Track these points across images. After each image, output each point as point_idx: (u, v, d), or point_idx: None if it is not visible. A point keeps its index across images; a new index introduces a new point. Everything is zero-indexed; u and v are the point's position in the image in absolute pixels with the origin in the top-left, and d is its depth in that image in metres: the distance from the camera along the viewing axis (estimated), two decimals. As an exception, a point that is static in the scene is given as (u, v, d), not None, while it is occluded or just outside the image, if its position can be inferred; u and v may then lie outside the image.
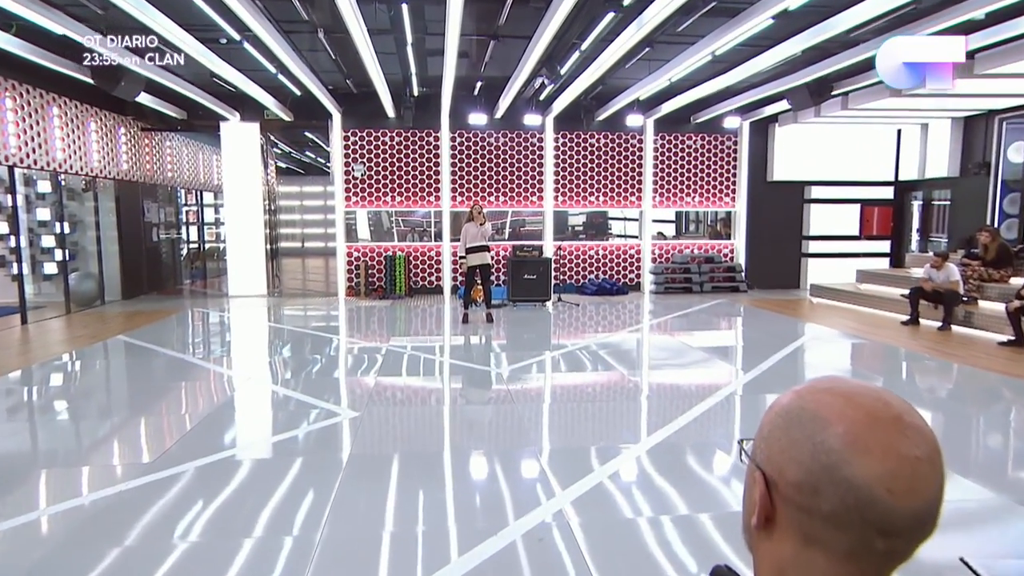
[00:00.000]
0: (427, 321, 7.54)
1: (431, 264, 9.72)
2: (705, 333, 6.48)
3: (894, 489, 0.47)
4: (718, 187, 10.02)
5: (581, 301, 8.76)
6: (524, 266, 8.39)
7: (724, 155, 9.90)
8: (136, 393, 4.14)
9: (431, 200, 9.62)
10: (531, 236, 9.89)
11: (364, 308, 8.38)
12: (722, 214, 10.25)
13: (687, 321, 7.27)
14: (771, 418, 0.53)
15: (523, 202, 9.87)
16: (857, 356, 5.15)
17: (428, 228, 9.65)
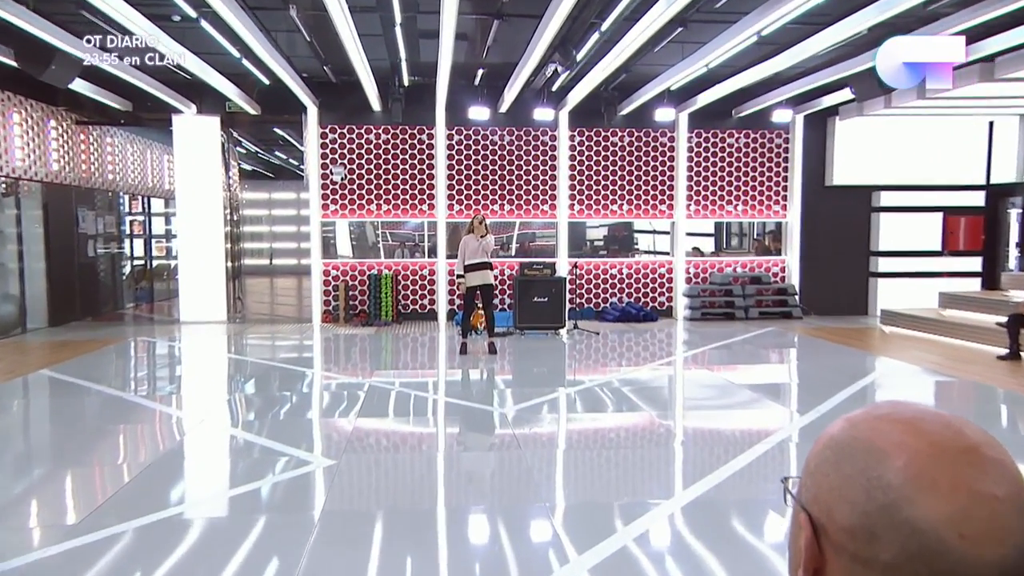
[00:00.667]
0: (418, 352, 7.58)
1: (423, 285, 9.85)
2: (751, 367, 6.46)
3: (968, 533, 0.44)
4: (766, 193, 10.05)
5: (601, 329, 8.82)
6: (533, 287, 8.49)
7: (773, 155, 9.91)
8: (61, 439, 3.99)
9: (424, 210, 9.72)
10: (542, 252, 10.03)
11: (344, 336, 8.45)
12: (771, 226, 10.27)
13: (729, 353, 7.25)
14: (819, 451, 0.53)
15: (533, 212, 9.95)
16: (943, 397, 5.08)
17: (420, 243, 9.82)
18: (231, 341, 8.10)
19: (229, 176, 9.51)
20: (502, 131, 9.85)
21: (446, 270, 9.75)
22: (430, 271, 9.87)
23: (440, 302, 9.82)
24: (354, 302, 9.70)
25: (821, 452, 0.53)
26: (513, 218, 9.99)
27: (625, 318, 9.61)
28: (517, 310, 8.46)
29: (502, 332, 8.35)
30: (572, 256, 9.78)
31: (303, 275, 10.16)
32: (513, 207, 9.96)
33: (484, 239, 6.75)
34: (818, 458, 0.53)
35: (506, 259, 9.98)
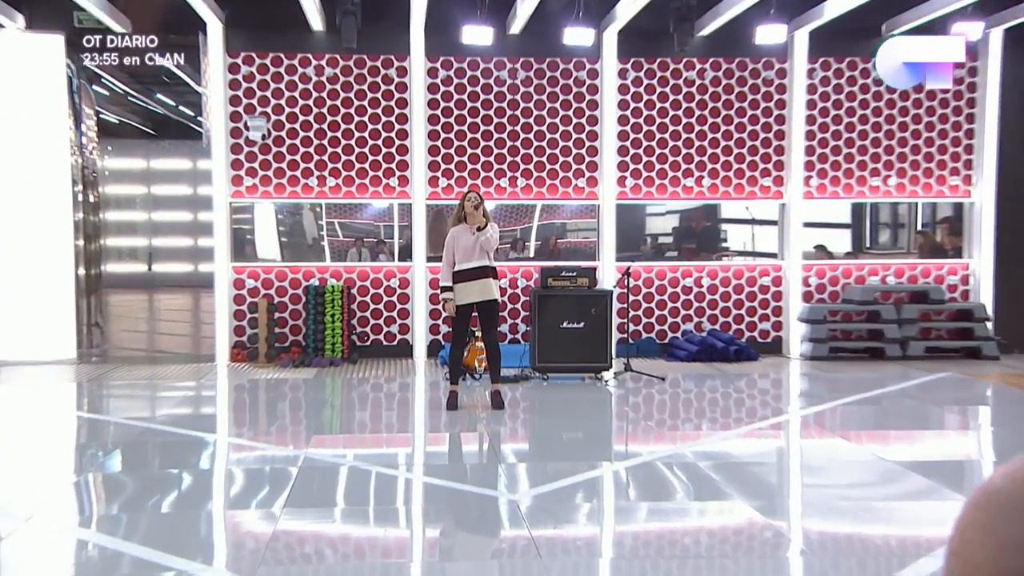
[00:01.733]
0: (383, 407, 7.78)
1: (391, 303, 10.11)
2: (916, 437, 6.47)
3: None
4: (936, 158, 9.99)
5: (669, 372, 9.00)
6: (563, 307, 8.66)
7: (946, 96, 9.72)
8: None
9: (392, 186, 10.00)
10: (576, 253, 10.38)
11: (266, 383, 8.64)
12: (945, 210, 10.27)
13: (878, 413, 7.33)
14: (971, 512, 0.60)
15: (562, 190, 10.22)
16: None
17: (386, 238, 10.20)
18: (83, 392, 8.17)
19: (81, 131, 9.46)
20: (513, 64, 9.96)
21: (426, 279, 9.97)
22: (401, 281, 10.07)
23: (417, 329, 10.04)
24: (282, 329, 9.89)
25: (973, 514, 0.59)
26: (531, 199, 10.18)
27: (706, 355, 9.77)
28: (537, 341, 8.58)
29: (513, 376, 8.50)
30: (623, 259, 9.96)
31: (201, 288, 10.19)
32: (531, 183, 10.11)
33: (483, 231, 6.89)
34: (970, 521, 0.59)
35: (520, 263, 10.14)
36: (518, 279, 10.10)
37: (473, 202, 6.88)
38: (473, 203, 6.87)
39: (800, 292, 10.21)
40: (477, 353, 8.34)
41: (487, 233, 6.86)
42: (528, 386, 8.30)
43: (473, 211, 6.85)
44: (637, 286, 10.07)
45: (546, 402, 7.80)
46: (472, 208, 6.86)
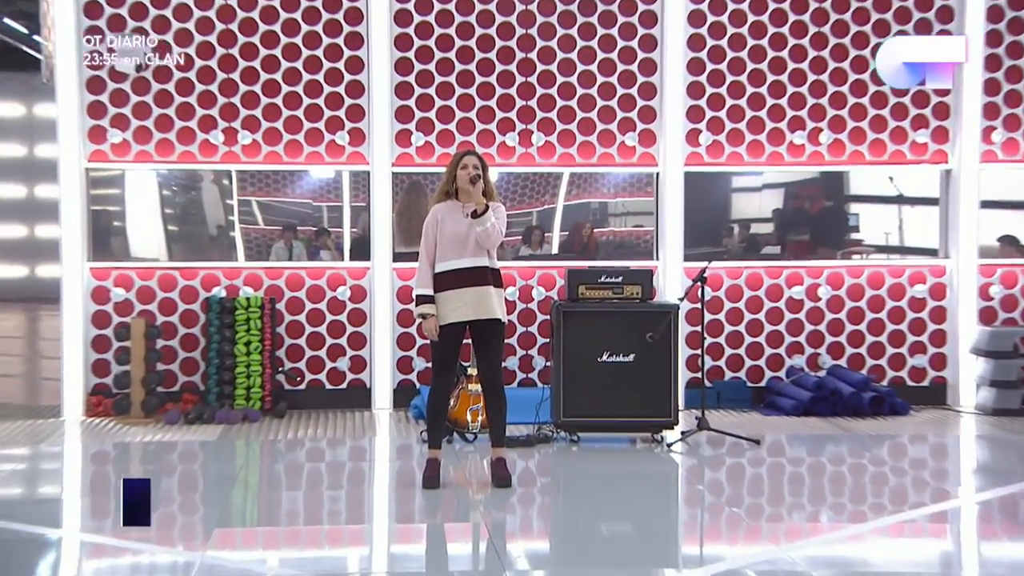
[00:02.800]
0: (324, 484, 7.85)
1: (337, 323, 10.29)
2: None
3: None
4: None
5: (767, 432, 9.17)
6: (601, 330, 8.80)
7: None
8: None
9: (339, 145, 10.21)
10: (622, 249, 10.66)
11: (141, 450, 8.75)
12: None
13: None
14: None
15: (599, 150, 10.41)
16: None
17: (331, 226, 10.43)
18: None
19: None
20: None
21: (392, 288, 10.22)
22: (354, 292, 10.26)
23: (378, 365, 10.23)
24: (168, 366, 10.06)
25: None
26: (552, 165, 10.40)
27: (826, 406, 9.89)
28: (562, 383, 8.73)
29: (525, 436, 8.66)
30: (696, 257, 10.18)
31: (41, 304, 10.26)
32: (553, 140, 10.31)
33: (482, 217, 7.05)
34: None
35: (536, 264, 10.34)
36: (533, 288, 10.20)
37: (469, 170, 7.03)
38: (469, 172, 7.02)
39: (976, 309, 10.27)
40: (471, 401, 8.47)
41: (488, 220, 7.00)
42: (549, 452, 8.39)
43: (468, 184, 7.00)
44: (718, 299, 10.11)
45: (576, 477, 7.85)
46: (467, 179, 7.01)
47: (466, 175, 6.95)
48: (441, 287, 7.06)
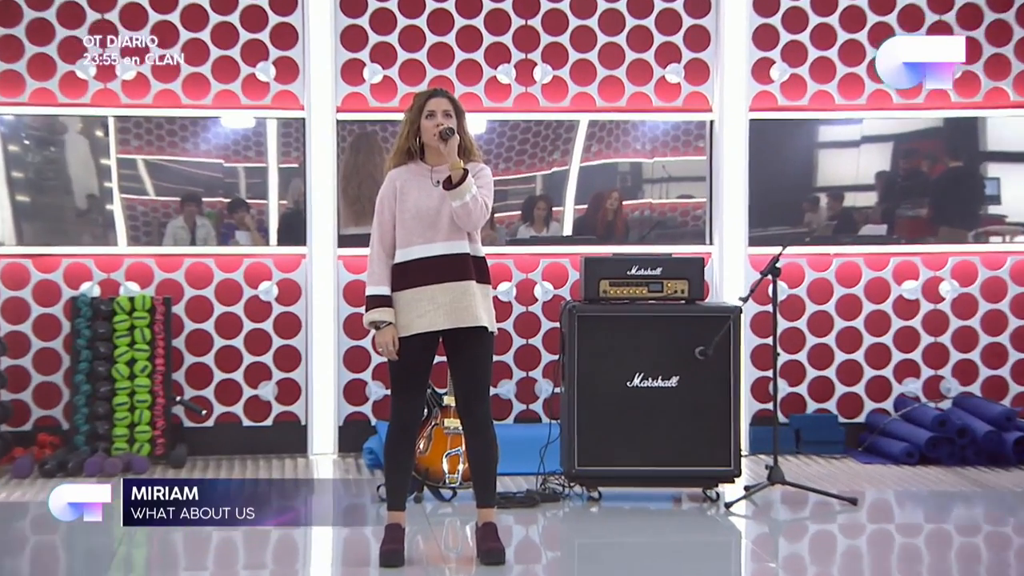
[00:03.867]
0: (239, 562, 7.76)
1: (260, 334, 10.32)
2: None
3: None
4: None
5: (865, 487, 9.05)
6: (631, 342, 8.75)
7: None
8: None
9: (260, 79, 10.19)
10: (663, 231, 10.76)
11: None
12: None
13: None
14: None
15: (630, 89, 10.44)
16: None
17: (250, 197, 10.52)
18: None
19: None
20: None
21: (337, 286, 10.28)
22: (284, 290, 10.27)
23: (317, 394, 10.21)
24: (17, 394, 9.84)
25: None
26: (563, 110, 10.45)
27: (952, 452, 9.72)
28: (575, 418, 8.60)
29: (524, 493, 8.64)
30: (766, 240, 10.31)
31: None
32: (563, 74, 10.30)
33: (460, 186, 6.81)
34: None
35: (539, 250, 10.46)
36: (536, 284, 10.32)
37: (439, 119, 6.79)
38: (439, 122, 6.77)
39: None
40: (447, 444, 8.36)
41: (469, 190, 6.77)
42: (558, 515, 8.35)
43: (438, 141, 6.73)
44: (797, 299, 10.26)
45: (597, 550, 7.70)
46: (436, 131, 6.74)
47: (434, 127, 6.75)
48: (403, 284, 6.88)
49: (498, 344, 8.77)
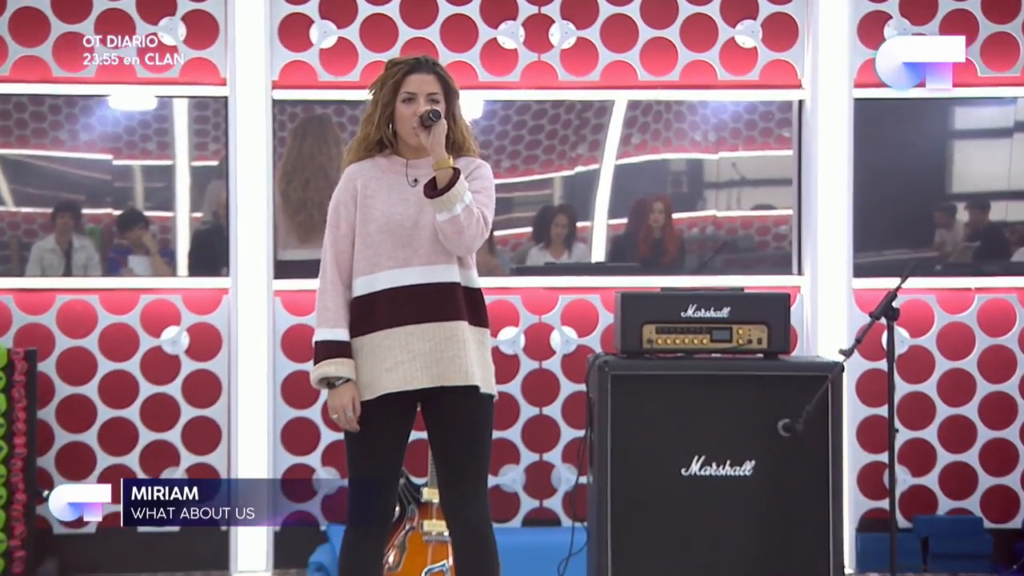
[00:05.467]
0: None
1: (164, 400, 10.45)
2: None
3: None
4: None
5: None
6: (687, 413, 8.61)
7: None
8: None
9: (161, 49, 10.26)
10: (732, 256, 10.99)
11: None
12: None
13: None
14: None
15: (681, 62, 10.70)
16: None
17: (149, 208, 10.67)
18: None
19: None
20: None
21: (272, 328, 10.40)
22: (196, 336, 10.41)
23: (243, 485, 9.67)
24: None
25: None
26: (590, 87, 10.58)
27: None
28: (609, 521, 8.40)
29: None
30: (878, 269, 10.48)
31: None
32: (595, 42, 10.47)
33: (445, 188, 6.61)
34: None
35: (557, 281, 10.55)
36: (554, 329, 10.35)
37: (420, 103, 6.58)
38: (420, 105, 6.57)
39: None
40: (428, 556, 8.41)
41: (460, 196, 6.50)
42: None
43: (419, 127, 6.47)
44: (923, 353, 10.25)
45: None
46: (417, 117, 6.50)
47: (412, 113, 6.49)
48: (366, 325, 6.63)
49: (500, 414, 8.53)
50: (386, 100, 6.67)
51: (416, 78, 6.63)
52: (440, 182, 6.39)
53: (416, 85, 6.63)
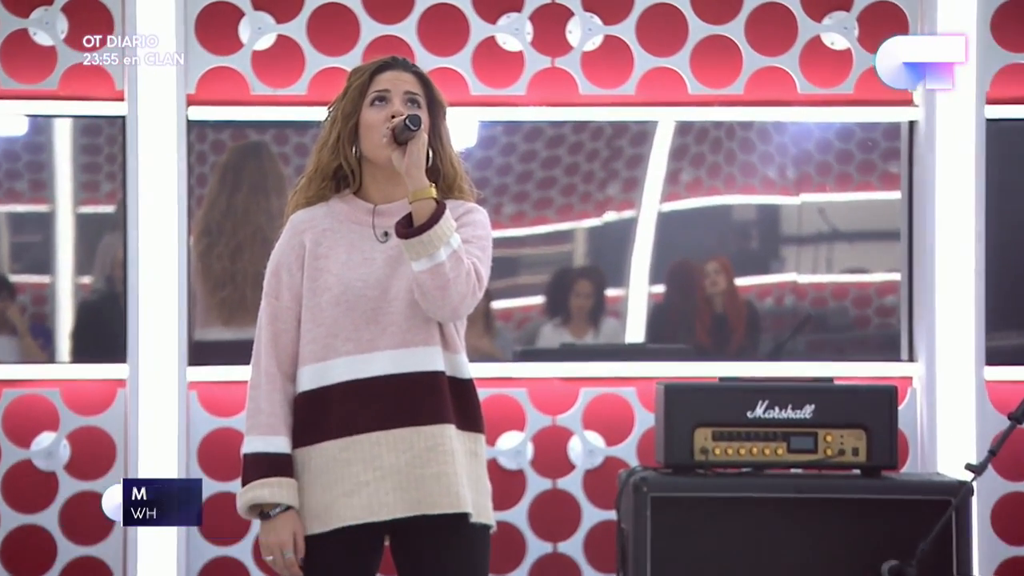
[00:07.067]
0: None
1: (32, 535, 10.66)
2: None
3: None
4: None
5: None
6: (758, 552, 8.89)
7: None
8: None
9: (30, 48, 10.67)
10: (818, 336, 11.34)
11: None
12: None
13: None
14: None
15: (745, 71, 10.97)
16: None
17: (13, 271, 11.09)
18: None
19: None
20: None
21: (186, 439, 10.57)
22: (81, 446, 10.54)
23: None
24: None
25: None
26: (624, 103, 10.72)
27: None
28: None
29: None
30: (1012, 356, 10.96)
31: None
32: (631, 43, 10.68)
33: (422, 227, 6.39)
34: None
35: (582, 369, 10.71)
36: (573, 434, 10.38)
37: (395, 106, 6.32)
38: (395, 110, 6.27)
39: None
40: None
41: (443, 239, 6.10)
42: None
43: (389, 138, 6.17)
44: None
45: None
46: (389, 130, 6.17)
47: (384, 118, 6.14)
48: (316, 432, 6.10)
49: (499, 551, 8.13)
50: (348, 111, 6.29)
51: (389, 75, 6.29)
52: (418, 217, 5.90)
53: (389, 82, 6.29)
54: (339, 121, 6.30)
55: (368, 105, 6.24)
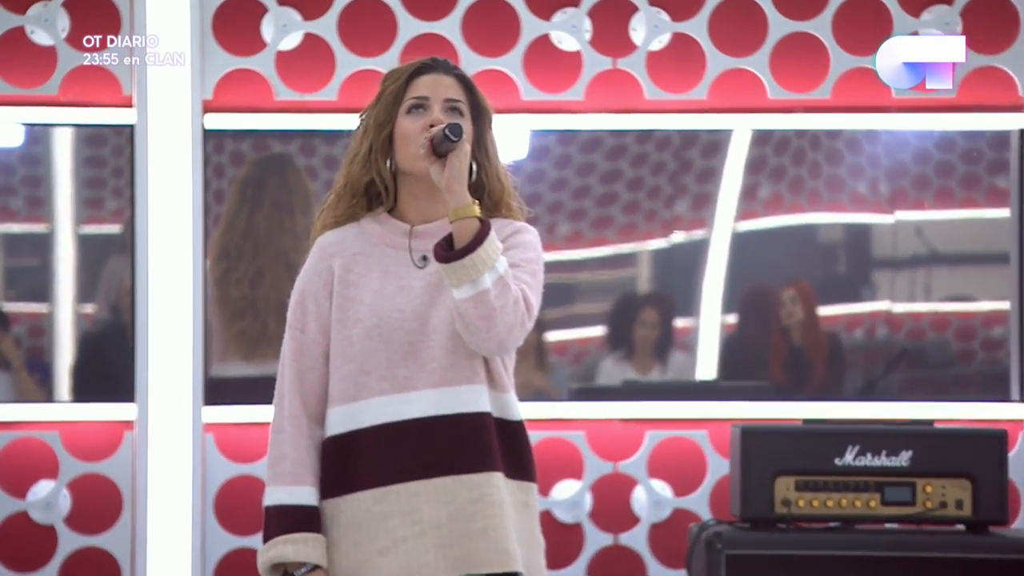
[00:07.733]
0: None
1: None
2: None
3: None
4: None
5: None
6: None
7: None
8: None
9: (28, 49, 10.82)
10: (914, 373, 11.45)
11: None
12: None
13: None
14: None
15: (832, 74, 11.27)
16: None
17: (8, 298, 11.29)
18: None
19: None
20: None
21: (202, 488, 10.56)
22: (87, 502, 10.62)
23: None
24: None
25: None
26: (692, 110, 10.91)
27: None
28: None
29: None
30: None
31: None
32: (702, 42, 10.84)
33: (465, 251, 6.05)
34: None
35: (644, 410, 10.71)
36: (638, 483, 10.38)
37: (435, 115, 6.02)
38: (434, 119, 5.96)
39: None
40: None
41: (488, 264, 5.95)
42: None
43: (427, 149, 5.93)
44: None
45: None
46: (428, 139, 5.99)
47: (421, 127, 5.92)
48: (346, 481, 5.76)
49: None
50: (381, 119, 5.96)
51: (428, 79, 6.00)
52: (459, 239, 5.57)
53: (428, 87, 6.02)
54: (371, 130, 5.93)
55: (404, 113, 5.89)
